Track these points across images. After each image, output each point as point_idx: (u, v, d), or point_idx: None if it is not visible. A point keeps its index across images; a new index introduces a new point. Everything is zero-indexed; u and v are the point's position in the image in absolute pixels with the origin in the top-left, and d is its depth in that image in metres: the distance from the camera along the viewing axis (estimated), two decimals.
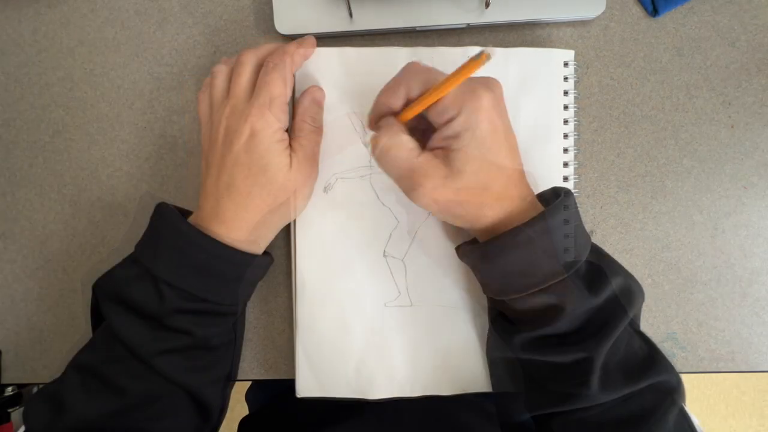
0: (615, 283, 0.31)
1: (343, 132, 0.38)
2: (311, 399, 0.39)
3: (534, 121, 0.38)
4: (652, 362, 0.31)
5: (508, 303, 0.33)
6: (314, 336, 0.38)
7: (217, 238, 0.32)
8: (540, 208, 0.32)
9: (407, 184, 0.32)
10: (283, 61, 0.33)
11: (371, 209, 0.38)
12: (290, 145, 0.34)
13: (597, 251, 0.33)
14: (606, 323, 0.30)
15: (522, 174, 0.33)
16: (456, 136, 0.30)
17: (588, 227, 0.41)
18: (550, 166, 0.39)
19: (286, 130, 0.34)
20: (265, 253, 0.36)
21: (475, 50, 0.38)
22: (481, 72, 0.37)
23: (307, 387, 0.39)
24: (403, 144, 0.32)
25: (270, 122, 0.32)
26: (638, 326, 0.34)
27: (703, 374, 0.41)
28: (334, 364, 0.38)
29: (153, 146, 0.41)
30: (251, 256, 0.34)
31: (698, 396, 1.29)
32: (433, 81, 0.31)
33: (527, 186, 0.33)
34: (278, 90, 0.33)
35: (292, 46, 0.34)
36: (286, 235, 0.40)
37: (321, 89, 0.37)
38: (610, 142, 0.41)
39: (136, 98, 0.41)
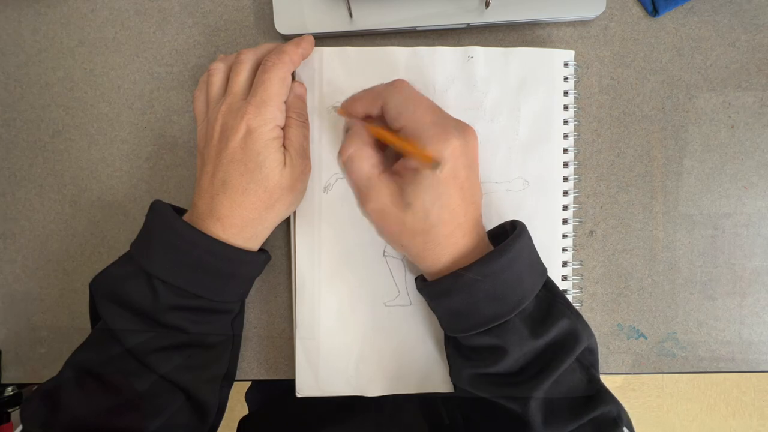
0: (560, 326, 0.31)
1: (343, 132, 0.38)
2: (311, 398, 0.39)
3: (534, 121, 0.38)
4: (594, 395, 0.31)
5: (458, 338, 0.33)
6: (314, 335, 0.38)
7: (212, 236, 0.32)
8: (489, 248, 0.32)
9: (361, 195, 0.33)
10: (281, 60, 0.33)
11: None
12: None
13: (550, 288, 0.33)
14: (547, 365, 0.30)
15: (475, 224, 0.32)
16: (415, 170, 0.31)
17: (588, 227, 0.41)
18: (550, 166, 0.39)
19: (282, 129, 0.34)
20: (262, 250, 0.36)
21: (473, 50, 0.38)
22: (481, 72, 0.38)
23: (307, 386, 0.39)
24: (367, 157, 0.33)
25: (266, 120, 0.32)
26: (597, 372, 0.34)
27: (703, 374, 0.41)
28: (334, 363, 0.38)
29: (153, 146, 0.41)
30: (246, 253, 0.33)
31: (698, 396, 1.29)
32: (408, 111, 0.31)
33: (479, 234, 0.33)
34: (275, 89, 0.33)
35: (290, 46, 0.34)
36: (286, 235, 0.40)
37: (302, 84, 0.37)
38: (610, 142, 0.41)
39: (136, 98, 0.41)
